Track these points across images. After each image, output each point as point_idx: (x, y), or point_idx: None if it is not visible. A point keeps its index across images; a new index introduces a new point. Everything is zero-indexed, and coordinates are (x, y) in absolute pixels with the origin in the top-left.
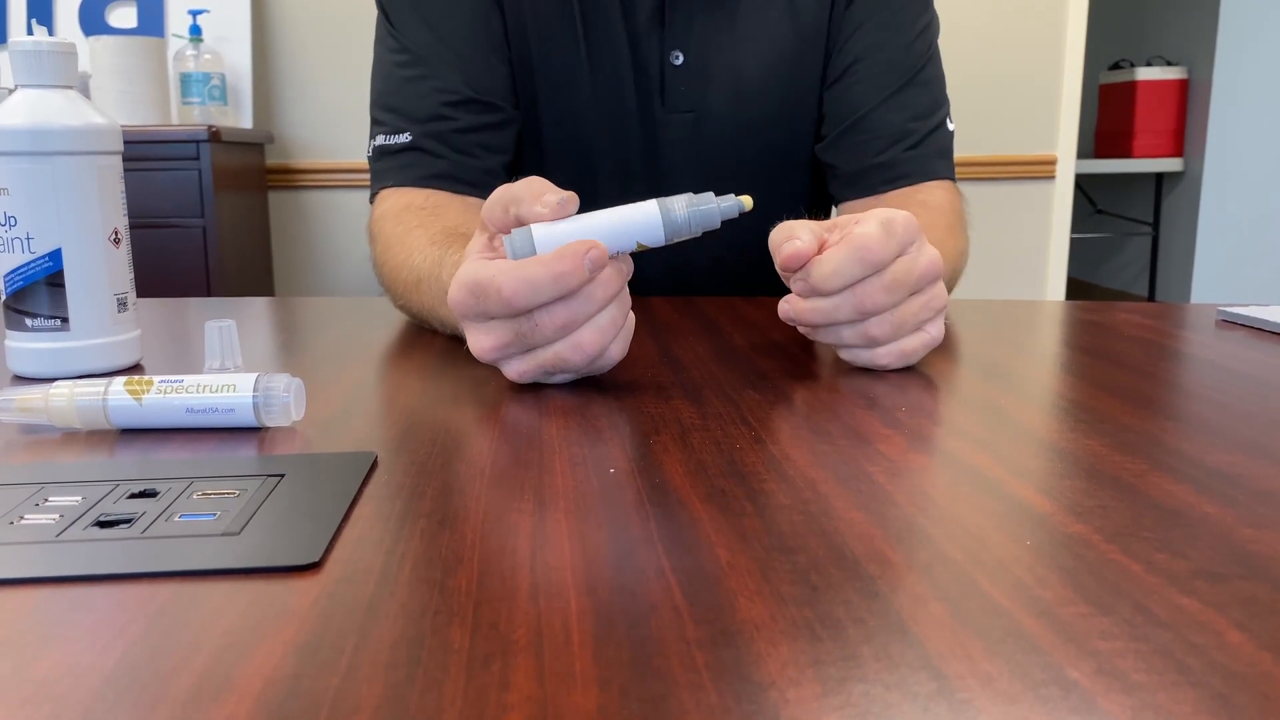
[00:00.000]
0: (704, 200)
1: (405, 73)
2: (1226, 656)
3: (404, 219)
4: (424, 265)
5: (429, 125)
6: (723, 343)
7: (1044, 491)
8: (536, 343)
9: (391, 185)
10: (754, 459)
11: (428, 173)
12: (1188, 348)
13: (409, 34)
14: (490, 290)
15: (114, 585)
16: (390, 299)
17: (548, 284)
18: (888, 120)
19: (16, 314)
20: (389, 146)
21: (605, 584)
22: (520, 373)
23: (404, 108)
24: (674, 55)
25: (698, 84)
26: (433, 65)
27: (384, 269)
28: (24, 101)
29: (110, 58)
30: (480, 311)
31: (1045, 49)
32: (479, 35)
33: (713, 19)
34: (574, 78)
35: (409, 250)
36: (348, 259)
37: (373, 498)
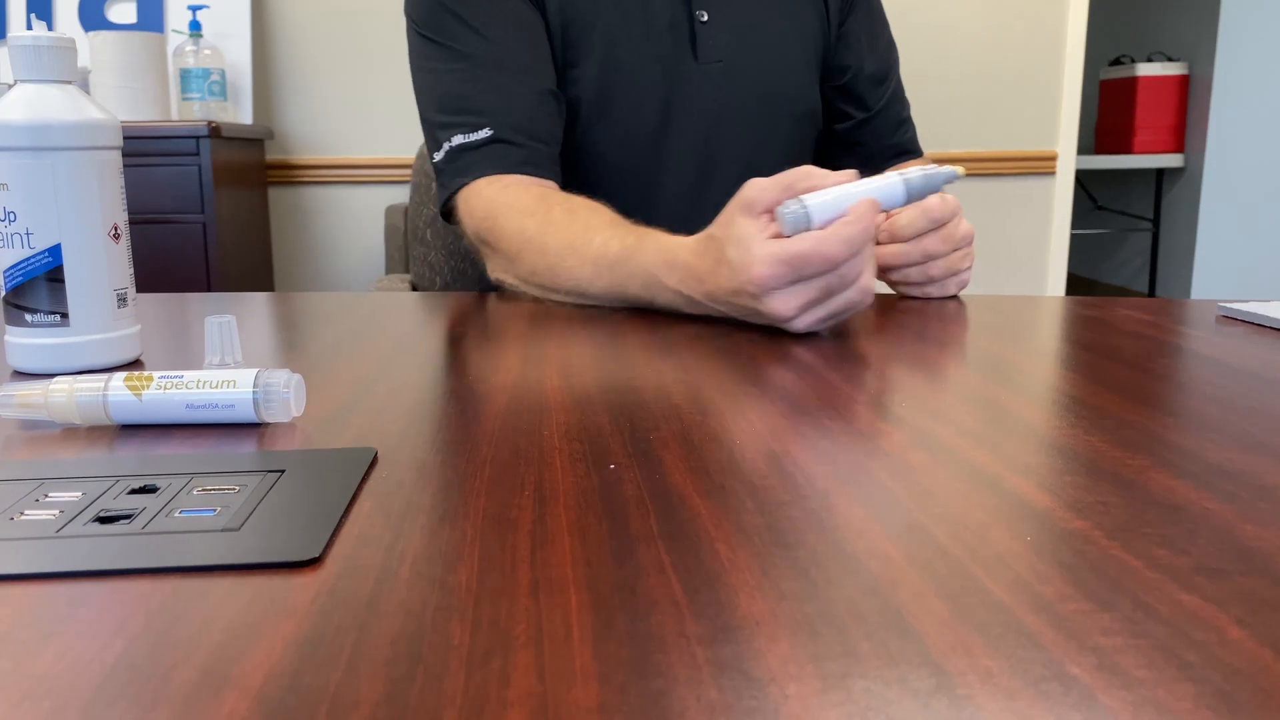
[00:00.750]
0: (930, 168)
1: (469, 76)
2: (1227, 652)
3: (557, 202)
4: (611, 247)
5: (505, 118)
6: (723, 338)
7: (1044, 487)
8: (836, 292)
9: (487, 175)
10: (754, 455)
11: (516, 160)
12: (1188, 344)
13: (463, 43)
14: (813, 258)
15: (114, 581)
16: (521, 270)
17: (859, 240)
18: (894, 110)
19: (16, 309)
20: (470, 143)
21: (605, 580)
22: (812, 323)
23: (476, 107)
24: (700, 14)
25: (722, 38)
26: (495, 67)
27: (535, 241)
28: (23, 97)
29: (110, 53)
30: (795, 278)
31: (1046, 45)
32: (524, 32)
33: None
34: (615, 37)
35: (584, 228)
36: (347, 254)
37: (373, 494)
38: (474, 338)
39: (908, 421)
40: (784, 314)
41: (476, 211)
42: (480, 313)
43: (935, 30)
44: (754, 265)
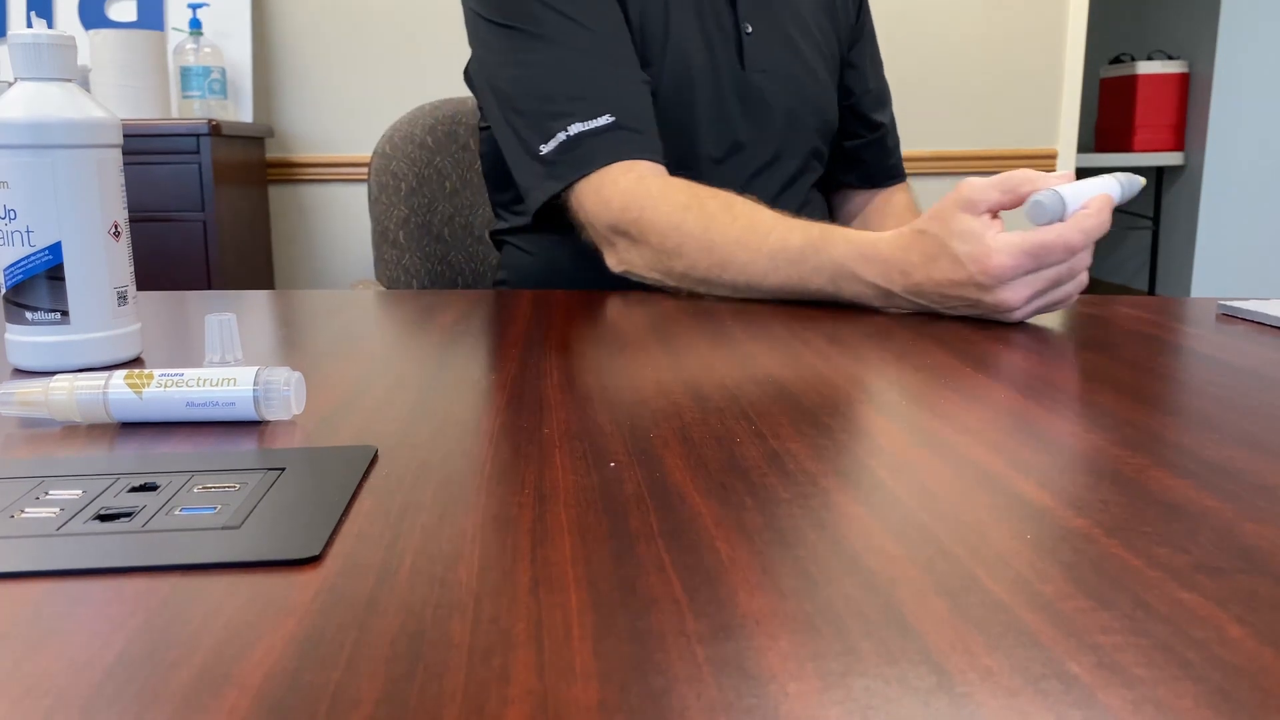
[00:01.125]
0: (1131, 177)
1: (580, 65)
2: (1227, 651)
3: (709, 196)
4: (793, 240)
5: (625, 104)
6: (723, 337)
7: (1044, 486)
8: (1062, 283)
9: (611, 161)
10: (754, 453)
11: (641, 147)
12: (1188, 342)
13: (562, 32)
14: (1057, 247)
15: (114, 579)
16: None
17: (1097, 231)
18: (893, 133)
19: (17, 307)
20: (591, 130)
21: (605, 578)
22: (1031, 311)
23: (593, 94)
24: (745, 26)
25: (765, 48)
26: (603, 55)
27: (700, 236)
28: (23, 95)
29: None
30: (1035, 267)
31: (1046, 43)
32: (618, 21)
33: (769, 6)
34: (677, 41)
35: (753, 223)
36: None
37: (373, 491)
38: (474, 335)
39: (907, 419)
40: (1012, 303)
41: (613, 202)
42: (480, 310)
43: (935, 29)
44: (992, 256)
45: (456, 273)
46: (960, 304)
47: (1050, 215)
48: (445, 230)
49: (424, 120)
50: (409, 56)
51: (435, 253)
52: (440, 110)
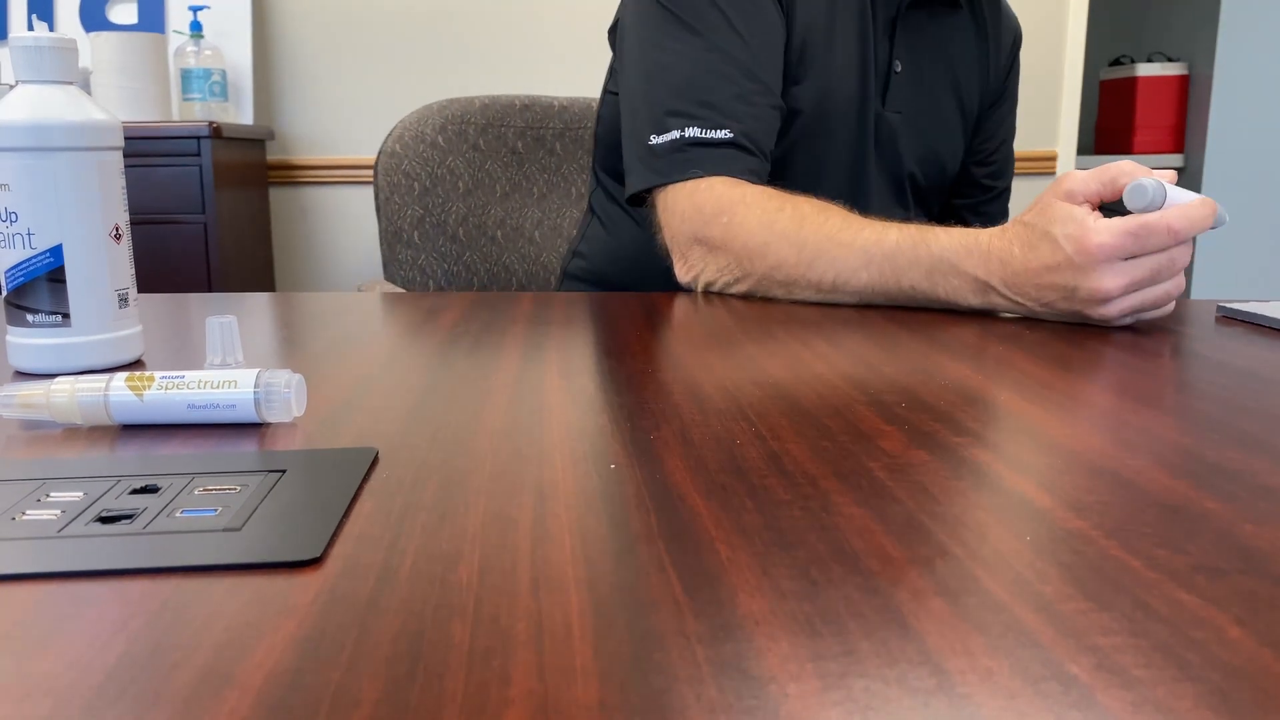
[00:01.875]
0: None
1: (719, 68)
2: (1226, 652)
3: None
4: (888, 239)
5: (746, 125)
6: (724, 338)
7: (1044, 487)
8: (1161, 279)
9: (716, 174)
10: (754, 455)
11: (747, 168)
12: (1187, 343)
13: (715, 32)
14: (1159, 229)
15: (115, 581)
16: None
17: (1203, 221)
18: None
19: (18, 310)
20: (706, 139)
21: (606, 579)
22: (1124, 309)
23: (722, 106)
24: (896, 64)
25: (907, 89)
26: (745, 67)
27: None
28: (25, 97)
29: (111, 54)
30: (1132, 251)
31: (1046, 45)
32: (776, 43)
33: (921, 42)
34: (831, 68)
35: (843, 226)
36: (348, 255)
37: (374, 493)
38: (474, 337)
39: (907, 421)
40: (1109, 289)
41: (705, 208)
42: (480, 312)
43: None
44: (1093, 235)
45: (472, 273)
46: (1057, 295)
47: (1150, 200)
48: (460, 230)
49: (433, 120)
50: (409, 59)
51: (450, 252)
52: (449, 110)
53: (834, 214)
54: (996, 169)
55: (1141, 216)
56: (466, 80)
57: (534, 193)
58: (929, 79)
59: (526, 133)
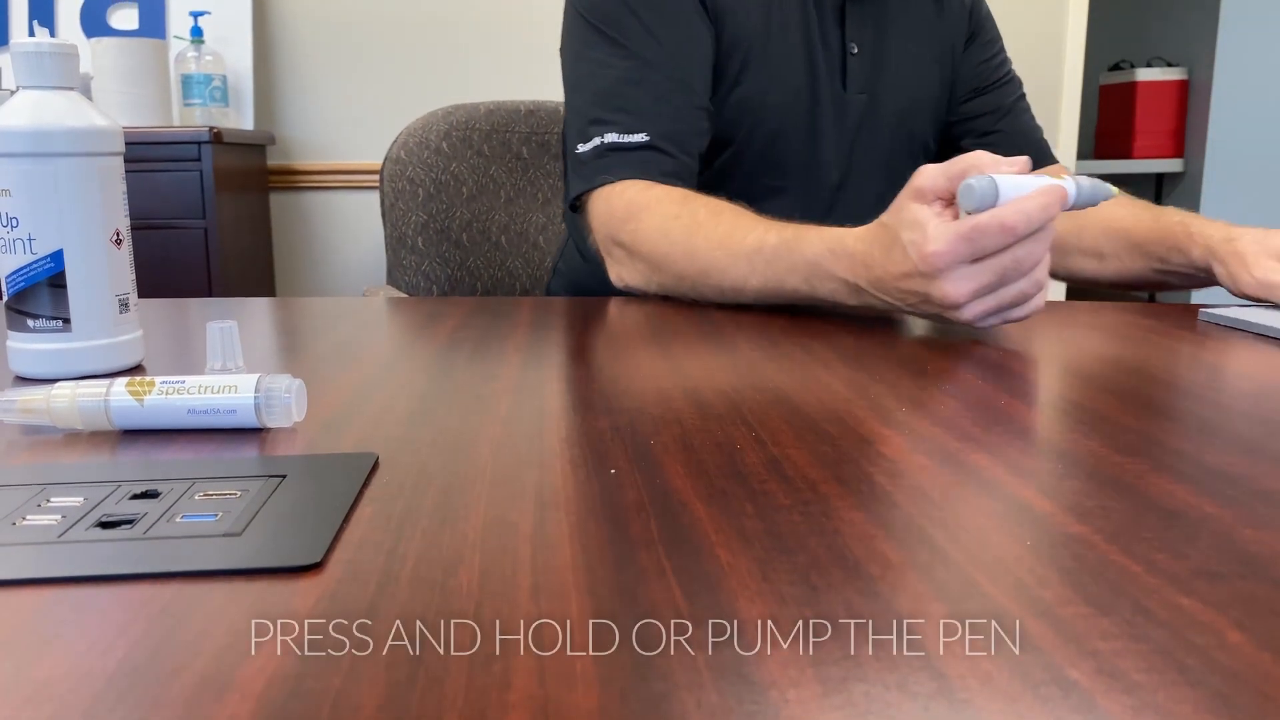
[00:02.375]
0: (1098, 182)
1: (636, 75)
2: (1226, 656)
3: (701, 204)
4: (769, 240)
5: (663, 127)
6: (724, 343)
7: (1044, 492)
8: (1010, 280)
9: (631, 178)
10: (754, 460)
11: (663, 169)
12: (1187, 348)
13: (633, 41)
14: (990, 229)
15: (116, 586)
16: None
17: (1039, 213)
18: (1023, 118)
19: (18, 315)
20: (623, 144)
21: (606, 584)
22: (980, 313)
23: (638, 110)
24: (851, 46)
25: (870, 70)
26: (662, 72)
27: (684, 243)
28: (26, 103)
29: (112, 59)
30: (968, 255)
31: (1045, 50)
32: (697, 46)
33: (876, 22)
34: (777, 59)
35: (734, 228)
36: (349, 260)
37: (374, 498)
38: (474, 342)
39: (907, 426)
40: (955, 298)
41: (616, 213)
42: (481, 317)
43: None
44: (929, 243)
45: (475, 278)
46: (914, 299)
47: (979, 200)
48: (464, 236)
49: (437, 126)
50: (410, 64)
51: (454, 258)
52: (453, 116)
53: (726, 218)
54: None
55: (974, 218)
56: (468, 85)
57: (538, 198)
58: (891, 51)
59: (531, 138)
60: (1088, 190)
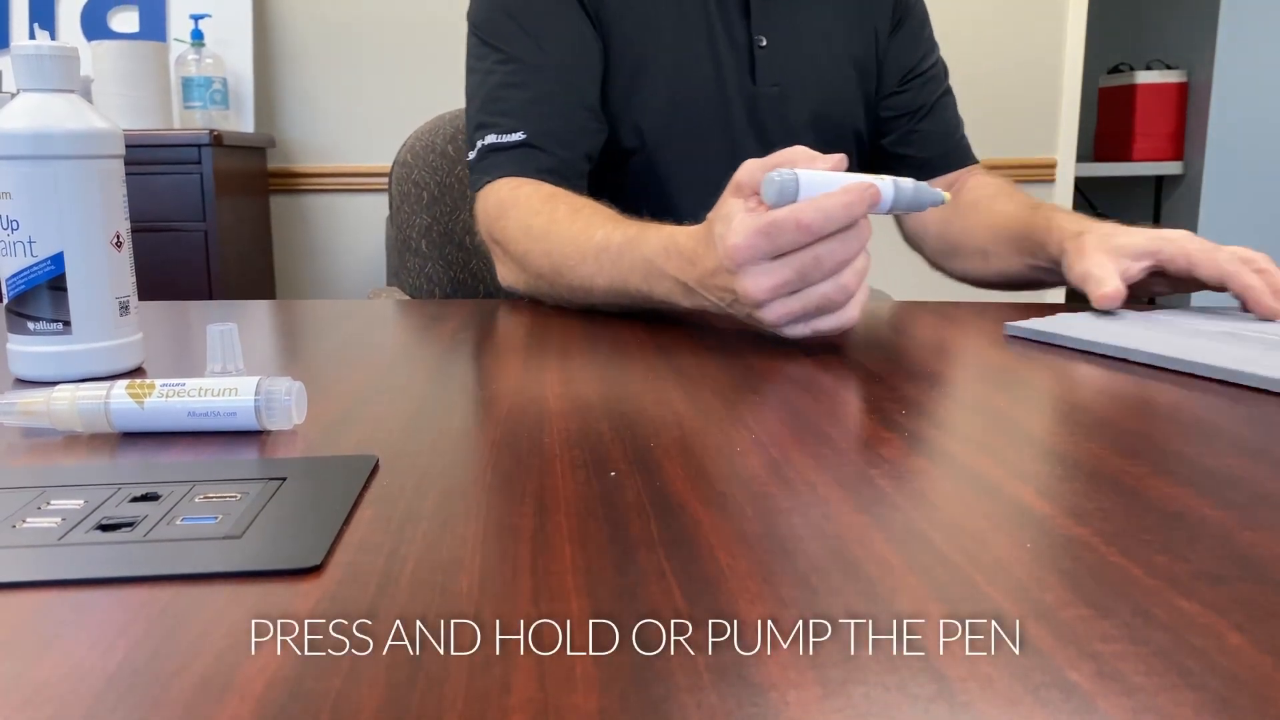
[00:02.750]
0: (922, 185)
1: (514, 78)
2: (1227, 659)
3: (563, 201)
4: (614, 239)
5: (540, 125)
6: (724, 346)
7: (1044, 494)
8: (810, 281)
9: (508, 176)
10: (754, 462)
11: (540, 166)
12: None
13: (514, 47)
14: (786, 224)
15: (116, 588)
16: (528, 270)
17: (840, 213)
18: (944, 115)
19: (19, 317)
20: (501, 144)
21: (606, 587)
22: (783, 315)
23: (515, 111)
24: (759, 39)
25: (780, 62)
26: (541, 72)
27: (541, 241)
28: (26, 105)
29: (112, 62)
30: (767, 251)
31: (1044, 52)
32: (579, 48)
33: (785, 12)
34: (675, 58)
35: (586, 226)
36: (349, 262)
37: (374, 501)
38: (475, 345)
39: (907, 428)
40: (755, 295)
41: (490, 211)
42: (481, 320)
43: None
44: (730, 236)
45: (479, 280)
46: (727, 297)
47: (778, 195)
48: (467, 238)
49: (444, 129)
50: (411, 67)
51: (457, 260)
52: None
53: (583, 215)
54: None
55: (772, 213)
56: None
57: None
58: (804, 43)
59: None
60: (909, 194)
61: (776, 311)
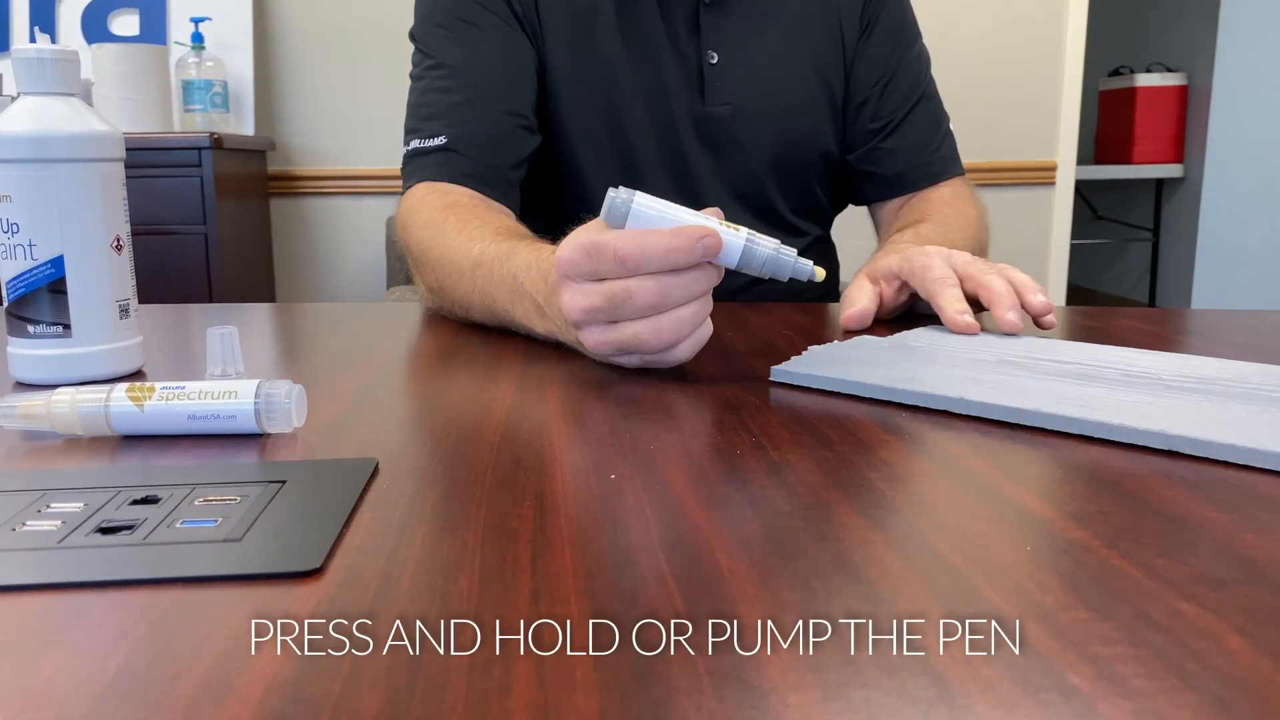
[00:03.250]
0: (787, 251)
1: (441, 84)
2: (1227, 662)
3: (456, 211)
4: (488, 253)
5: (462, 129)
6: (723, 348)
7: (1044, 497)
8: (623, 315)
9: (427, 181)
10: (754, 465)
11: (460, 171)
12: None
13: (443, 53)
14: (605, 250)
15: (116, 591)
16: (424, 283)
17: (659, 255)
18: (912, 130)
19: (19, 320)
20: (424, 148)
21: (606, 589)
22: (599, 342)
23: (440, 115)
24: (709, 55)
25: (732, 80)
26: (467, 78)
27: (430, 253)
28: (27, 109)
29: (113, 65)
30: (587, 271)
31: (1045, 55)
32: (510, 58)
33: (740, 26)
34: (617, 76)
35: (469, 238)
36: (349, 265)
37: (374, 504)
38: (475, 348)
39: (907, 431)
40: (569, 312)
41: (401, 219)
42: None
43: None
44: (561, 248)
45: None
46: (561, 319)
47: (608, 214)
48: None
49: None
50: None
51: None
52: None
53: (468, 229)
54: (876, 109)
55: (594, 236)
56: None
57: None
58: (759, 60)
59: None
60: (764, 257)
61: (594, 337)
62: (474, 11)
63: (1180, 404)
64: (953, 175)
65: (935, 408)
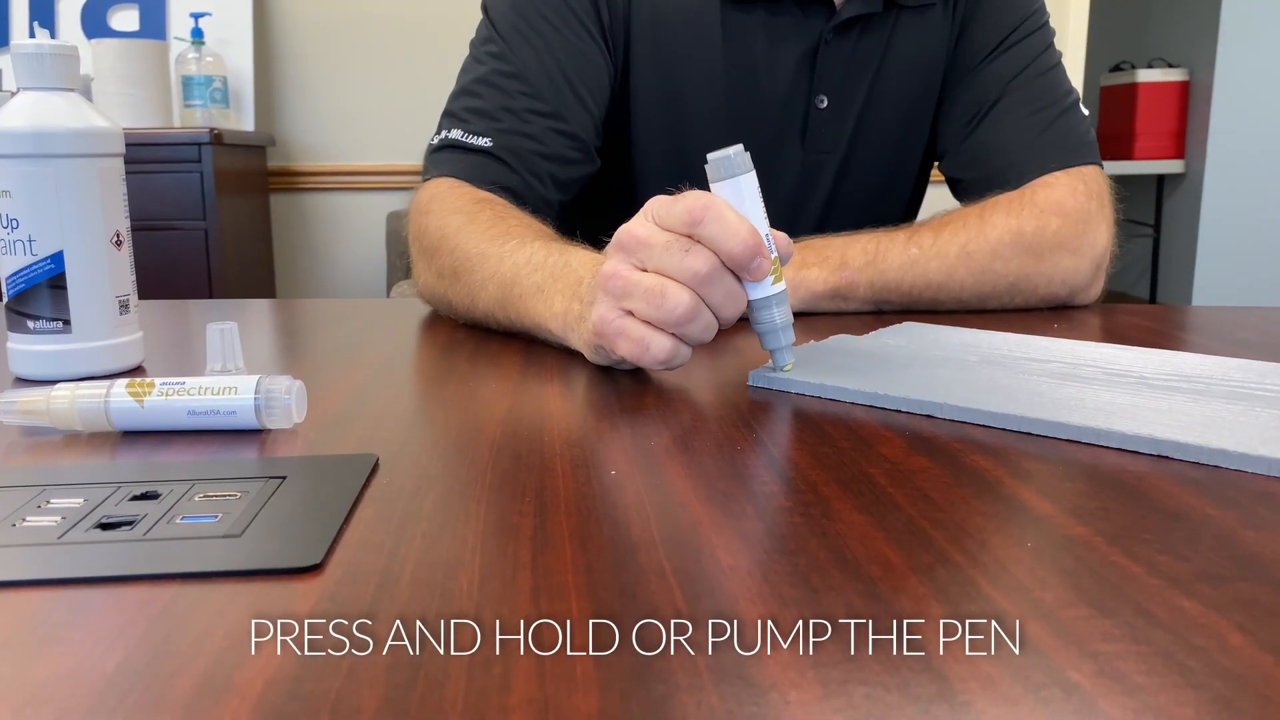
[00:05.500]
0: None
1: (500, 81)
2: (1228, 659)
3: (491, 206)
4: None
5: (510, 139)
6: (723, 344)
7: (1045, 494)
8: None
9: (456, 176)
10: (755, 461)
11: (497, 180)
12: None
13: (515, 49)
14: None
15: (116, 587)
16: (432, 268)
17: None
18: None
19: (18, 316)
20: (466, 144)
21: (606, 586)
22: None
23: (492, 114)
24: (819, 100)
25: (837, 127)
26: (532, 86)
27: (453, 237)
28: (26, 104)
29: (112, 60)
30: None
31: None
32: (582, 73)
33: (856, 69)
34: (713, 113)
35: (504, 231)
36: (349, 261)
37: (374, 500)
38: (475, 344)
39: (907, 428)
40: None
41: (420, 204)
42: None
43: None
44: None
45: None
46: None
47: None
48: None
49: None
50: (411, 65)
51: None
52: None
53: (506, 225)
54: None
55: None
56: None
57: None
58: (869, 104)
59: None
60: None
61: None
62: (556, 10)
63: (1167, 405)
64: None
65: (918, 412)
